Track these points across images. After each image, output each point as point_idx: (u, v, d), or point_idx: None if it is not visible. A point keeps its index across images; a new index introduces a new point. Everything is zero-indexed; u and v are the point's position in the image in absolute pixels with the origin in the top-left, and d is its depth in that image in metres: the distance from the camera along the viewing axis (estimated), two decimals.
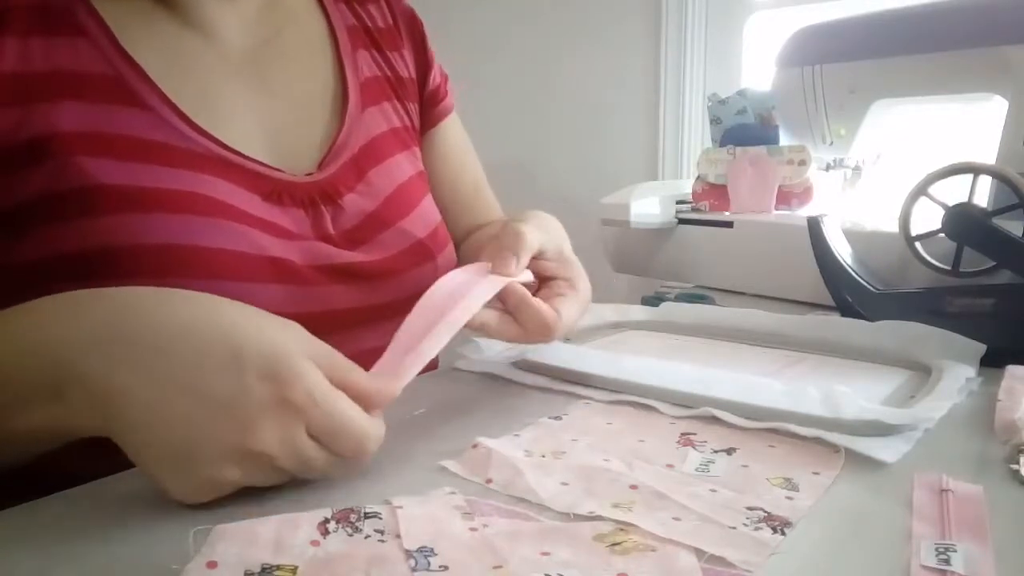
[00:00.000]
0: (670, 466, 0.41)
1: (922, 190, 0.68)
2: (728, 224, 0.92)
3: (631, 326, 0.74)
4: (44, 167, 0.48)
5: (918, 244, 0.69)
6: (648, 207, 0.99)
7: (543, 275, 0.54)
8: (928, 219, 0.68)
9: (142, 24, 0.54)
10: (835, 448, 0.42)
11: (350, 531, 0.33)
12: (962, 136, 0.97)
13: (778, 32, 1.05)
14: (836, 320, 0.68)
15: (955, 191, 0.67)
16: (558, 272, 0.55)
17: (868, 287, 0.69)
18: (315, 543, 0.32)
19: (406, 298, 0.59)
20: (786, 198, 0.94)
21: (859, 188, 0.95)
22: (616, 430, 0.46)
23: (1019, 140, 0.74)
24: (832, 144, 0.94)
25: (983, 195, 0.68)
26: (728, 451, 0.42)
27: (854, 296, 0.70)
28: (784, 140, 0.99)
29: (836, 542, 0.33)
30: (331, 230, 0.57)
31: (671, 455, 0.42)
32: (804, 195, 0.94)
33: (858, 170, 0.94)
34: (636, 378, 0.53)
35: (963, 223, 0.66)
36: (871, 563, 0.31)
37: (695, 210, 1.01)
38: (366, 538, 0.33)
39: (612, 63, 1.61)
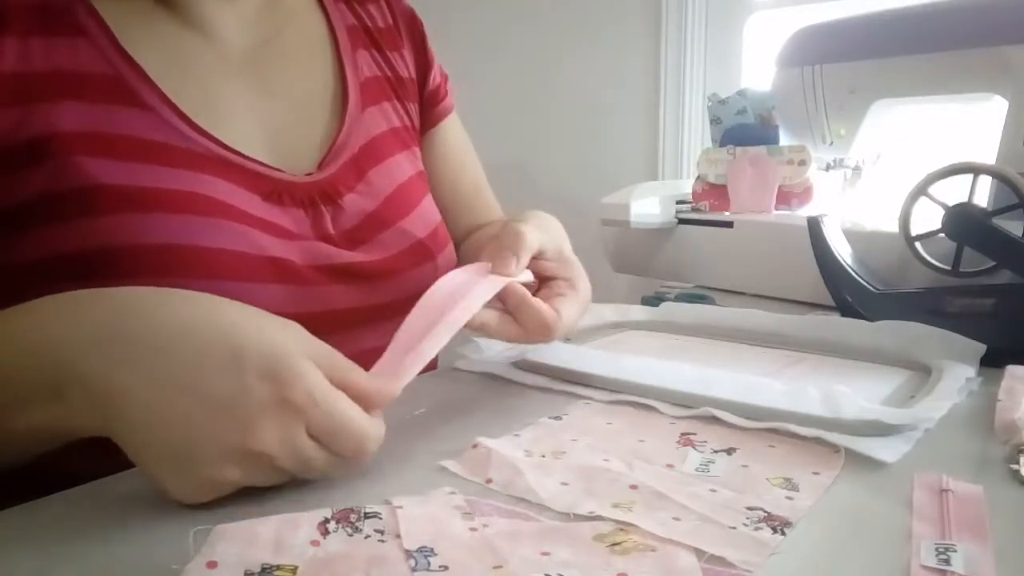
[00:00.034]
0: (670, 466, 0.41)
1: (922, 190, 0.68)
2: (728, 224, 0.92)
3: (631, 326, 0.74)
4: (44, 167, 0.48)
5: (918, 244, 0.69)
6: (648, 207, 0.99)
7: (543, 275, 0.54)
8: (928, 219, 0.68)
9: (142, 24, 0.54)
10: (835, 448, 0.42)
11: (350, 531, 0.33)
12: (962, 136, 0.97)
13: (778, 32, 1.05)
14: (836, 320, 0.68)
15: (955, 191, 0.67)
16: (558, 272, 0.55)
17: (868, 287, 0.69)
18: (315, 543, 0.32)
19: (406, 298, 0.59)
20: (786, 198, 0.94)
21: (859, 188, 0.95)
22: (616, 430, 0.46)
23: (1019, 140, 0.74)
24: (832, 144, 0.94)
25: (983, 195, 0.68)
26: (728, 451, 0.42)
27: (854, 296, 0.70)
28: (784, 140, 0.99)
29: (836, 542, 0.33)
30: (331, 230, 0.57)
31: (671, 455, 0.42)
32: (804, 195, 0.94)
33: (858, 170, 0.94)
34: (636, 378, 0.53)
35: (963, 223, 0.66)
36: (871, 563, 0.31)
37: (695, 210, 1.01)
38: (366, 538, 0.33)
39: (612, 63, 1.61)
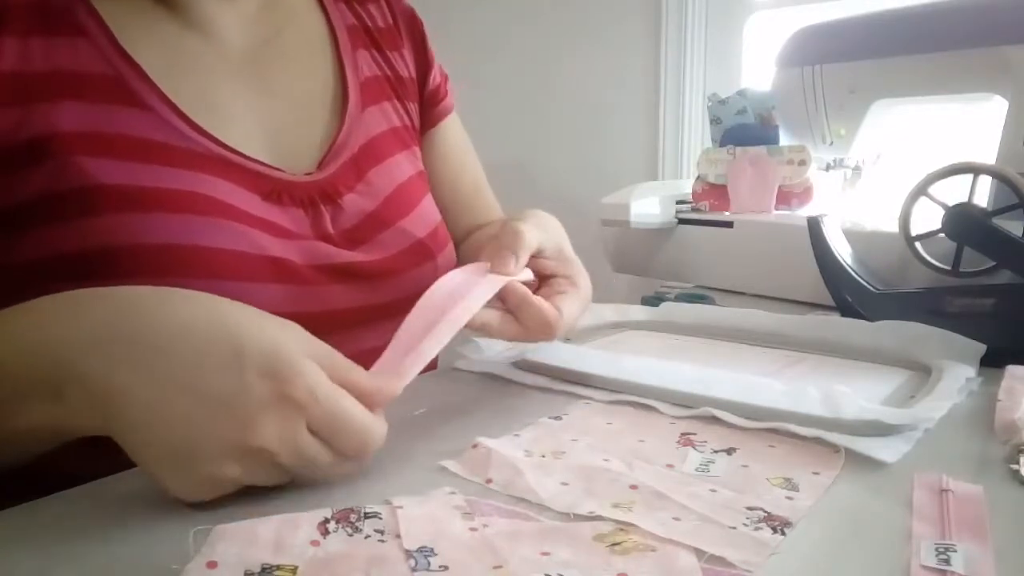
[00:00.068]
0: (670, 466, 0.41)
1: (922, 190, 0.68)
2: (728, 224, 0.92)
3: (631, 326, 0.74)
4: (44, 167, 0.48)
5: (918, 244, 0.69)
6: (648, 207, 0.99)
7: (543, 273, 0.54)
8: (928, 219, 0.68)
9: (142, 24, 0.54)
10: (835, 448, 0.42)
11: (350, 531, 0.33)
12: (962, 136, 0.97)
13: (778, 32, 1.05)
14: (836, 320, 0.68)
15: (955, 191, 0.67)
16: (558, 270, 0.55)
17: (868, 287, 0.69)
18: (315, 543, 0.32)
19: (406, 298, 0.59)
20: (786, 198, 0.94)
21: (859, 188, 0.95)
22: (616, 430, 0.46)
23: (1019, 140, 0.74)
24: (832, 144, 0.94)
25: (983, 195, 0.68)
26: (728, 451, 0.42)
27: (854, 296, 0.70)
28: (784, 140, 0.99)
29: (836, 542, 0.33)
30: (330, 230, 0.57)
31: (671, 455, 0.42)
32: (804, 195, 0.94)
33: (858, 170, 0.94)
34: (636, 378, 0.53)
35: (963, 223, 0.66)
36: (871, 563, 0.31)
37: (695, 210, 1.01)
38: (366, 538, 0.33)
39: (612, 63, 1.61)
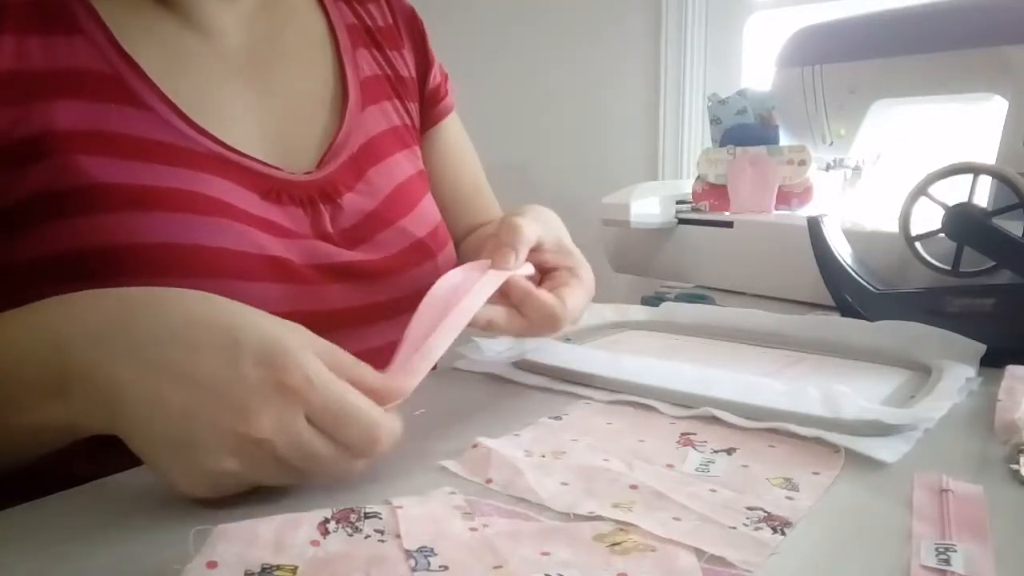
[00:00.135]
0: (670, 466, 0.41)
1: (922, 190, 0.68)
2: (728, 224, 0.92)
3: (631, 326, 0.74)
4: (42, 165, 0.48)
5: (918, 244, 0.69)
6: (648, 207, 0.99)
7: (544, 267, 0.55)
8: (928, 219, 0.68)
9: (141, 23, 0.54)
10: (835, 448, 0.42)
11: (350, 531, 0.33)
12: (962, 136, 0.97)
13: (778, 32, 1.05)
14: (836, 320, 0.68)
15: (955, 191, 0.67)
16: (559, 262, 0.55)
17: (868, 287, 0.69)
18: (315, 543, 0.32)
19: (406, 297, 0.59)
20: (786, 198, 0.94)
21: (859, 188, 0.95)
22: (616, 430, 0.46)
23: (1019, 140, 0.74)
24: (832, 144, 0.94)
25: (983, 195, 0.68)
26: (728, 451, 0.42)
27: (854, 296, 0.70)
28: (784, 140, 0.99)
29: (836, 542, 0.33)
30: (330, 229, 0.57)
31: (671, 455, 0.42)
32: (804, 195, 0.94)
33: (858, 170, 0.94)
34: (636, 378, 0.53)
35: (963, 223, 0.66)
36: (871, 563, 0.31)
37: (695, 210, 1.01)
38: (366, 538, 0.33)
39: (612, 63, 1.61)
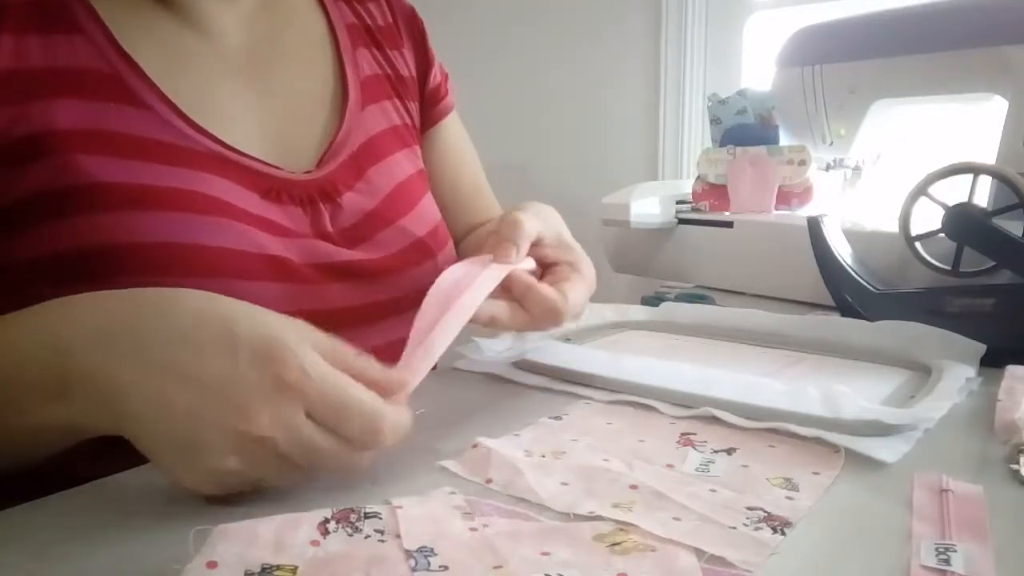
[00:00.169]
0: (670, 466, 0.40)
1: (922, 190, 0.68)
2: (728, 224, 0.92)
3: (631, 326, 0.74)
4: (41, 164, 0.48)
5: (918, 244, 0.69)
6: (648, 207, 0.99)
7: (545, 262, 0.55)
8: (928, 219, 0.68)
9: (141, 23, 0.54)
10: (835, 448, 0.42)
11: (350, 531, 0.33)
12: (962, 136, 0.97)
13: (778, 32, 1.05)
14: (836, 320, 0.68)
15: (955, 191, 0.67)
16: (560, 257, 0.55)
17: (868, 287, 0.69)
18: (315, 543, 0.32)
19: (406, 296, 0.59)
20: (786, 198, 0.94)
21: (859, 188, 0.95)
22: (616, 430, 0.46)
23: (1019, 140, 0.74)
24: (832, 144, 0.94)
25: (983, 195, 0.68)
26: (728, 451, 0.42)
27: (854, 296, 0.70)
28: (784, 140, 0.99)
29: (836, 542, 0.33)
30: (329, 228, 0.57)
31: (671, 455, 0.42)
32: (804, 195, 0.94)
33: (858, 170, 0.94)
34: (636, 378, 0.53)
35: (963, 223, 0.66)
36: (871, 563, 0.31)
37: (695, 210, 1.01)
38: (366, 538, 0.33)
39: (612, 63, 1.61)
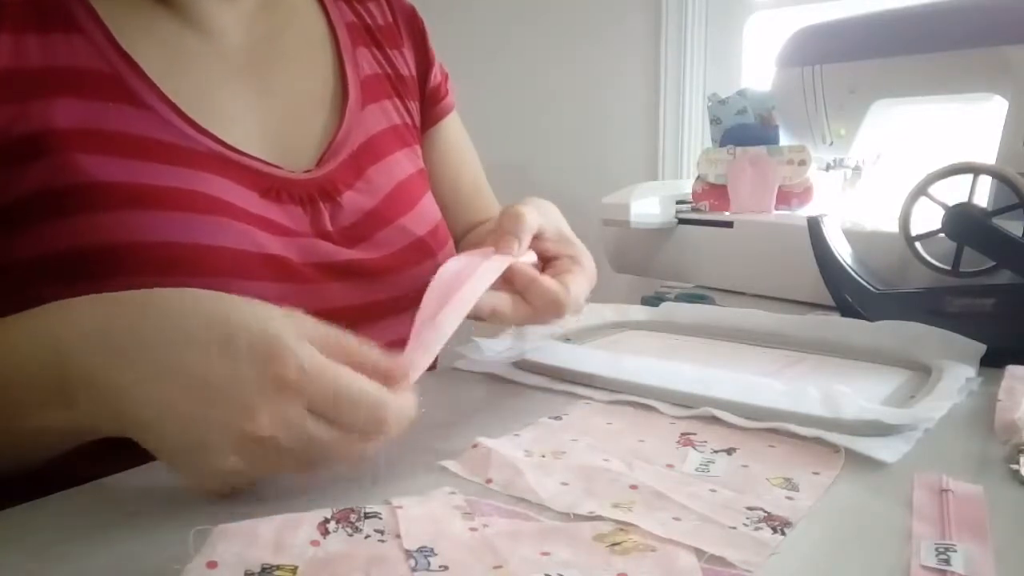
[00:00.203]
0: (670, 466, 0.41)
1: (922, 190, 0.68)
2: (728, 224, 0.92)
3: (631, 326, 0.74)
4: (41, 164, 0.48)
5: (918, 244, 0.69)
6: (648, 207, 0.99)
7: (546, 256, 0.55)
8: (928, 219, 0.68)
9: (141, 22, 0.54)
10: (835, 448, 0.42)
11: (350, 531, 0.33)
12: (962, 136, 0.97)
13: (778, 32, 1.05)
14: (836, 320, 0.68)
15: (955, 191, 0.67)
16: (560, 251, 0.55)
17: (868, 287, 0.69)
18: (315, 543, 0.32)
19: (405, 296, 0.59)
20: (786, 198, 0.94)
21: (859, 188, 0.95)
22: (616, 430, 0.46)
23: (1019, 140, 0.74)
24: (832, 144, 0.94)
25: (983, 195, 0.68)
26: (728, 451, 0.42)
27: (854, 296, 0.70)
28: (784, 140, 0.99)
29: (836, 542, 0.33)
30: (329, 227, 0.57)
31: (671, 455, 0.42)
32: (804, 195, 0.94)
33: (858, 170, 0.94)
34: (636, 378, 0.53)
35: (963, 223, 0.66)
36: (871, 563, 0.31)
37: (695, 210, 1.01)
38: (366, 538, 0.33)
39: (612, 63, 1.61)
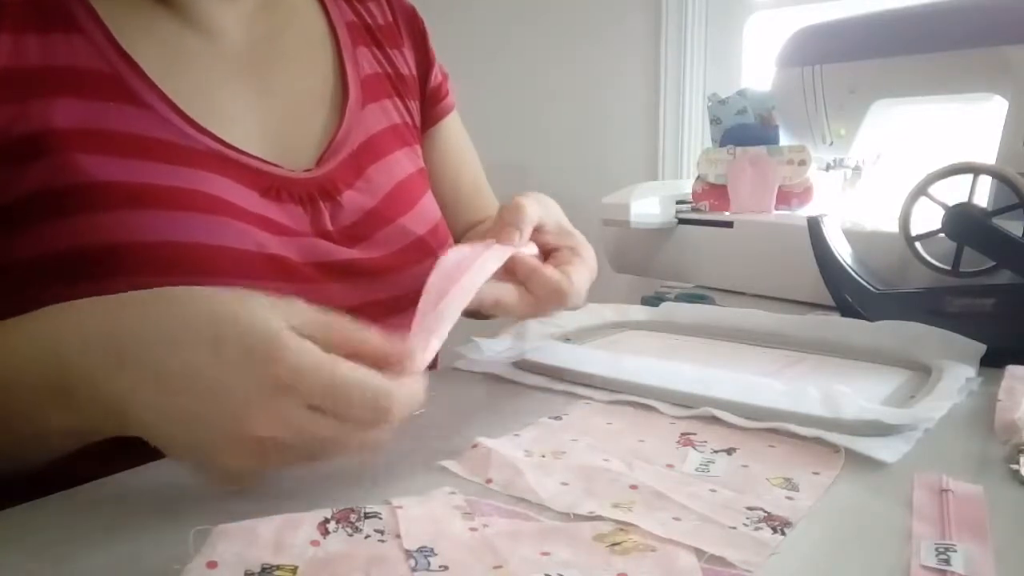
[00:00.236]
0: (670, 466, 0.41)
1: (922, 190, 0.68)
2: (728, 224, 0.92)
3: (631, 326, 0.74)
4: (41, 163, 0.48)
5: (918, 244, 0.69)
6: (648, 207, 0.99)
7: (546, 248, 0.55)
8: (928, 219, 0.68)
9: (141, 22, 0.54)
10: (835, 448, 0.42)
11: (350, 531, 0.33)
12: (962, 136, 0.97)
13: (778, 32, 1.05)
14: (836, 320, 0.68)
15: (955, 191, 0.67)
16: (561, 242, 0.55)
17: (868, 287, 0.69)
18: (315, 543, 0.32)
19: (405, 295, 0.59)
20: (786, 198, 0.94)
21: (859, 188, 0.95)
22: (616, 430, 0.46)
23: (1019, 140, 0.74)
24: (832, 144, 0.94)
25: (983, 195, 0.68)
26: (728, 451, 0.42)
27: (854, 296, 0.70)
28: (784, 140, 0.99)
29: (836, 542, 0.33)
30: (329, 227, 0.57)
31: (671, 455, 0.42)
32: (804, 195, 0.94)
33: (858, 170, 0.94)
34: (636, 378, 0.53)
35: (963, 223, 0.66)
36: (871, 563, 0.31)
37: (695, 210, 1.01)
38: (366, 538, 0.33)
39: (612, 63, 1.61)
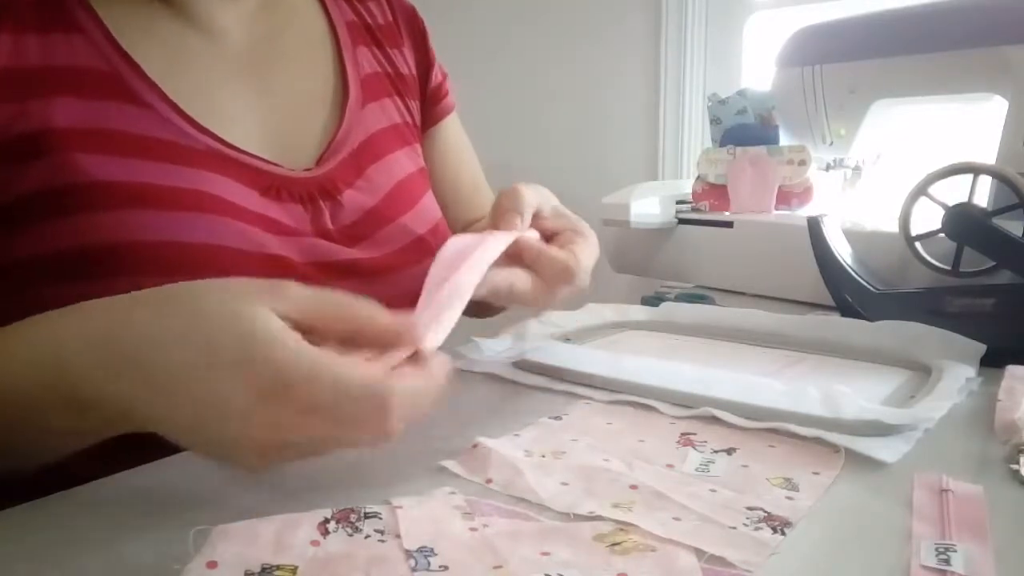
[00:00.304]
0: (670, 466, 0.41)
1: (922, 190, 0.68)
2: (728, 224, 0.92)
3: (631, 326, 0.74)
4: (41, 163, 0.48)
5: (918, 244, 0.69)
6: (648, 207, 0.99)
7: (546, 233, 0.55)
8: (928, 219, 0.68)
9: (141, 22, 0.54)
10: (835, 448, 0.42)
11: (350, 531, 0.33)
12: (962, 136, 0.97)
13: (778, 32, 1.05)
14: (836, 320, 0.68)
15: (955, 191, 0.67)
16: (560, 226, 0.55)
17: (868, 287, 0.69)
18: (315, 543, 0.32)
19: (406, 295, 0.58)
20: (786, 198, 0.94)
21: (859, 188, 0.95)
22: (616, 430, 0.46)
23: (1019, 140, 0.74)
24: (832, 144, 0.94)
25: (983, 195, 0.68)
26: (728, 451, 0.42)
27: (854, 296, 0.70)
28: (784, 140, 0.99)
29: (836, 542, 0.33)
30: (330, 226, 0.57)
31: (671, 455, 0.42)
32: (804, 195, 0.94)
33: (858, 170, 0.94)
34: (636, 378, 0.53)
35: (963, 223, 0.66)
36: (871, 563, 0.31)
37: (695, 210, 1.01)
38: (366, 538, 0.33)
39: (612, 63, 1.61)
